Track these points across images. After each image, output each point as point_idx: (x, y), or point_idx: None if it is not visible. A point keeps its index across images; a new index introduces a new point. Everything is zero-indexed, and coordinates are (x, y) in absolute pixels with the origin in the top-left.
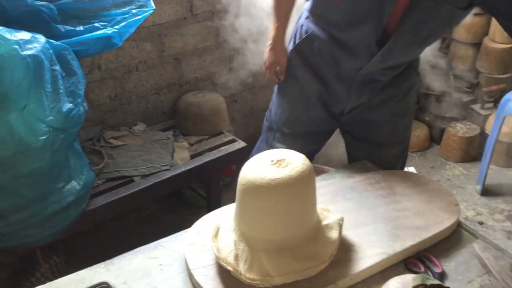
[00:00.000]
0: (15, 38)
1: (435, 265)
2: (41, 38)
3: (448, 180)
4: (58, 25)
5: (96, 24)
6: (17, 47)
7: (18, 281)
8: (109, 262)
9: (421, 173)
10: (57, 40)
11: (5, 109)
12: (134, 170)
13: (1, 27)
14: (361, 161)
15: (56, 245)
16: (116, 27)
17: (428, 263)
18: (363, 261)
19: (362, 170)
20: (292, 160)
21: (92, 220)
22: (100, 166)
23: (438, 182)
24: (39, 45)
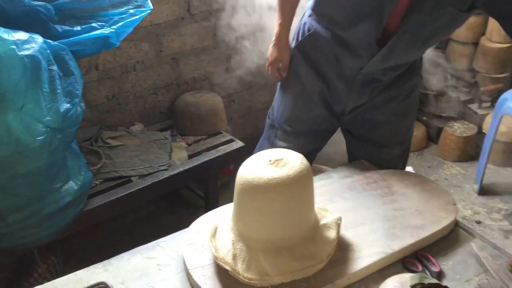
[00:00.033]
0: (13, 38)
1: (433, 264)
2: (38, 38)
3: (446, 179)
4: (55, 25)
5: (93, 24)
6: (14, 47)
7: (16, 282)
8: (107, 262)
9: (418, 173)
10: (55, 40)
11: (3, 109)
12: (132, 170)
13: None
14: (359, 160)
15: (54, 245)
16: (113, 27)
17: (426, 262)
18: (361, 261)
19: (360, 169)
20: (290, 160)
21: (90, 220)
22: (98, 166)
23: (436, 182)
24: (37, 45)
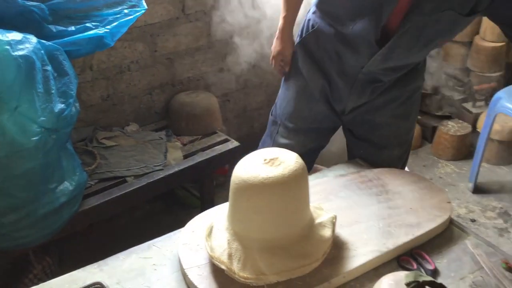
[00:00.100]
0: (6, 39)
1: (428, 262)
2: (32, 38)
3: (440, 178)
4: (49, 26)
5: (87, 24)
6: (8, 47)
7: (11, 283)
8: (103, 263)
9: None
10: (49, 40)
11: None
12: (127, 170)
13: None
14: (354, 159)
15: (49, 246)
16: (108, 27)
17: (420, 260)
18: (356, 259)
19: (355, 168)
20: (285, 159)
21: (85, 220)
22: (93, 166)
23: (430, 180)
24: (31, 46)
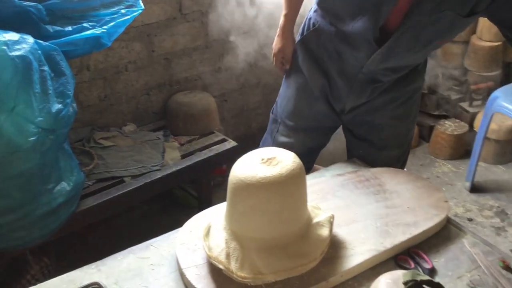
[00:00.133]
0: (3, 39)
1: (425, 261)
2: (29, 38)
3: (438, 177)
4: (46, 26)
5: (84, 24)
6: (5, 48)
7: (9, 283)
8: (100, 263)
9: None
10: (46, 40)
11: None
12: (125, 170)
13: None
14: (352, 158)
15: (46, 246)
16: (105, 27)
17: (418, 259)
18: (353, 258)
19: (352, 167)
20: (282, 159)
21: (82, 221)
22: (90, 167)
23: (428, 179)
24: (28, 46)
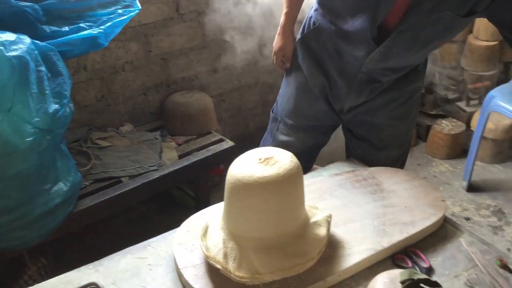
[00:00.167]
0: (0, 39)
1: (422, 260)
2: (26, 39)
3: (435, 176)
4: (43, 26)
5: (81, 25)
6: (2, 48)
7: (6, 284)
8: (98, 263)
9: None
10: (42, 40)
11: None
12: (122, 170)
13: None
14: (349, 158)
15: (44, 247)
16: (101, 27)
17: (415, 258)
18: (351, 258)
19: (350, 167)
20: (280, 158)
21: (80, 221)
22: (88, 167)
23: (425, 179)
24: (24, 46)
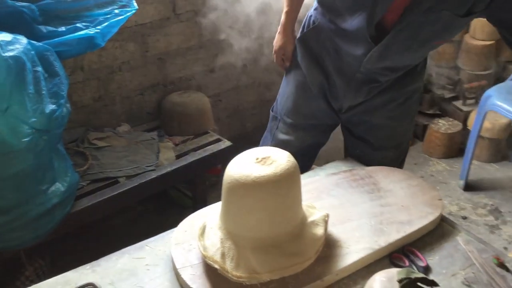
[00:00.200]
0: None
1: (420, 259)
2: (22, 39)
3: (432, 176)
4: (39, 26)
5: (78, 25)
6: None
7: (3, 284)
8: (95, 263)
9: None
10: (39, 41)
11: None
12: (119, 171)
13: None
14: (346, 157)
15: (41, 247)
16: (98, 27)
17: (412, 257)
18: (348, 257)
19: (347, 166)
20: (277, 158)
21: (77, 221)
22: (85, 167)
23: (422, 178)
24: (21, 46)
